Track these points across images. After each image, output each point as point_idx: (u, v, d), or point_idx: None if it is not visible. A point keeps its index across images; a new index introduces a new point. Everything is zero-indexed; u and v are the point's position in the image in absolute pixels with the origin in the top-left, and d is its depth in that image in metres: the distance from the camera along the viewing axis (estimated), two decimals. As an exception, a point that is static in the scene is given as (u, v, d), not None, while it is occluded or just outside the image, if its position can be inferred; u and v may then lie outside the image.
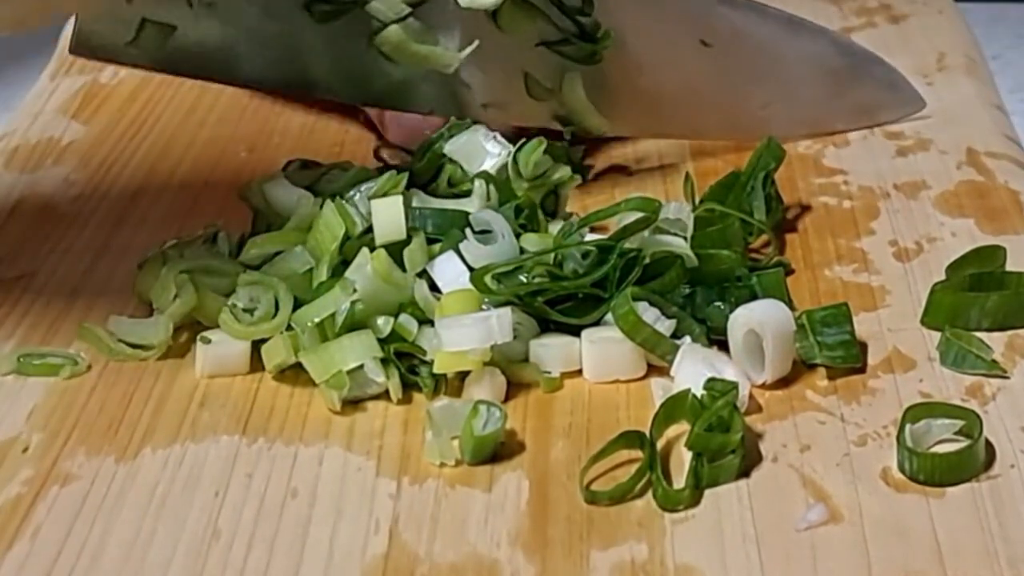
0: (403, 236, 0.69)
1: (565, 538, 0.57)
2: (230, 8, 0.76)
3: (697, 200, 0.76)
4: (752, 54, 0.83)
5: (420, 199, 0.72)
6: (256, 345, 0.67)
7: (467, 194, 0.73)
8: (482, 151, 0.74)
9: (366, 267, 0.67)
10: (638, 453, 0.61)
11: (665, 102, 0.83)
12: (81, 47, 0.75)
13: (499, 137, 0.74)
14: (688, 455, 0.60)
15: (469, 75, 0.78)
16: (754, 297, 0.68)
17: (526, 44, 0.79)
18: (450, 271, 0.68)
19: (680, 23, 0.81)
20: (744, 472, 0.60)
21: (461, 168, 0.74)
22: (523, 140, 0.74)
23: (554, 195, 0.75)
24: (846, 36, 0.91)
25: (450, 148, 0.74)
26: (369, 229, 0.69)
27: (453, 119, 0.77)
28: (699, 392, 0.63)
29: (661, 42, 0.81)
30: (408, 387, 0.66)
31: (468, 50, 0.76)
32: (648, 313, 0.66)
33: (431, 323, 0.67)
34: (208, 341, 0.67)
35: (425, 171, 0.74)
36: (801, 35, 0.83)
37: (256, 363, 0.67)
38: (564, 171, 0.75)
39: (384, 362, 0.65)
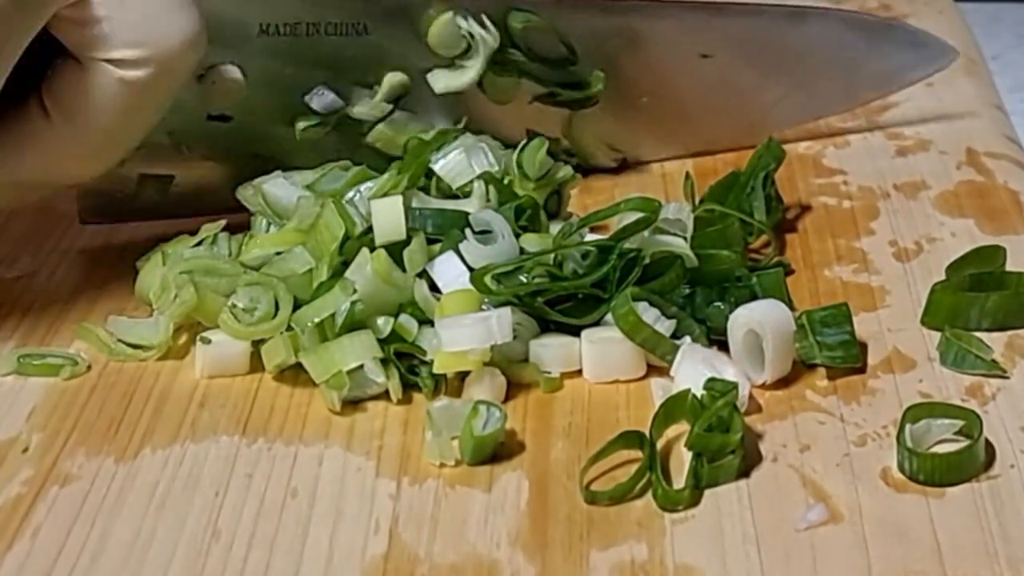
0: (403, 236, 0.68)
1: (565, 538, 0.57)
2: (221, 151, 0.76)
3: (697, 200, 0.76)
4: (754, 55, 0.83)
5: (420, 199, 0.72)
6: (256, 345, 0.67)
7: (467, 194, 0.72)
8: (469, 172, 0.73)
9: (366, 267, 0.67)
10: (638, 453, 0.61)
11: (673, 121, 0.84)
12: (88, 215, 0.77)
13: (487, 151, 0.74)
14: (688, 455, 0.60)
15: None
16: (754, 297, 0.68)
17: (520, 103, 0.79)
18: (450, 271, 0.68)
19: (676, 40, 0.81)
20: (744, 472, 0.60)
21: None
22: (524, 142, 0.74)
23: (557, 195, 0.75)
24: (856, 12, 0.90)
25: (439, 168, 0.73)
26: (369, 229, 0.69)
27: (439, 127, 0.77)
28: (699, 392, 0.63)
29: (659, 62, 0.81)
30: (408, 387, 0.66)
31: (459, 127, 0.76)
32: (648, 313, 0.66)
33: (431, 323, 0.67)
34: (208, 341, 0.67)
35: (414, 177, 0.74)
36: (805, 22, 0.83)
37: (256, 363, 0.67)
38: (566, 170, 0.75)
39: (384, 362, 0.65)
